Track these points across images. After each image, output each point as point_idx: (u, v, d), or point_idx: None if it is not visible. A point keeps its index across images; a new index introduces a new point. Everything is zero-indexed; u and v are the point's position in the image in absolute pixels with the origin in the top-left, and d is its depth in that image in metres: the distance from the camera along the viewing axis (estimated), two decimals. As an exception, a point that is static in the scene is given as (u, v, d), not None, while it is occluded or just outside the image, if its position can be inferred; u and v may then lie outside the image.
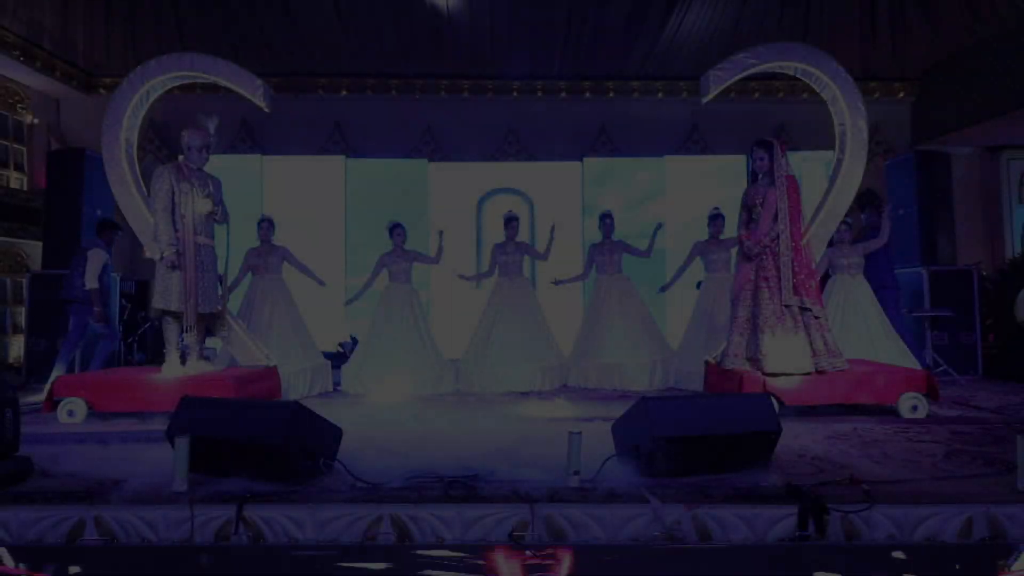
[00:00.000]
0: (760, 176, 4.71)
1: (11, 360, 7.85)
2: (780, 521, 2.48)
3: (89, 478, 2.94)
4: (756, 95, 9.18)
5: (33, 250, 7.91)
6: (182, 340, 4.76)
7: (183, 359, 4.80)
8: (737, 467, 2.92)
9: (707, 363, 5.21)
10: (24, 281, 7.28)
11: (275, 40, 8.63)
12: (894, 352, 5.67)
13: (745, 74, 5.31)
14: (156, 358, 7.57)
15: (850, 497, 2.57)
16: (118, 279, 7.05)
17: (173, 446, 2.79)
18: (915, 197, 7.21)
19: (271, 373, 5.16)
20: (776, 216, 4.53)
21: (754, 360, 4.58)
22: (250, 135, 8.96)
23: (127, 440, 3.81)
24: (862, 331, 5.75)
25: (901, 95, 9.27)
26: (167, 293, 4.64)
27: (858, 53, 8.85)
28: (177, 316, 4.71)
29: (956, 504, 2.52)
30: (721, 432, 2.91)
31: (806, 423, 4.24)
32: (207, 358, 4.98)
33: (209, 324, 4.98)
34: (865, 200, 6.85)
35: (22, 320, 7.58)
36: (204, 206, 4.68)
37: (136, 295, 7.79)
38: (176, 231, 4.63)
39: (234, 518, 2.47)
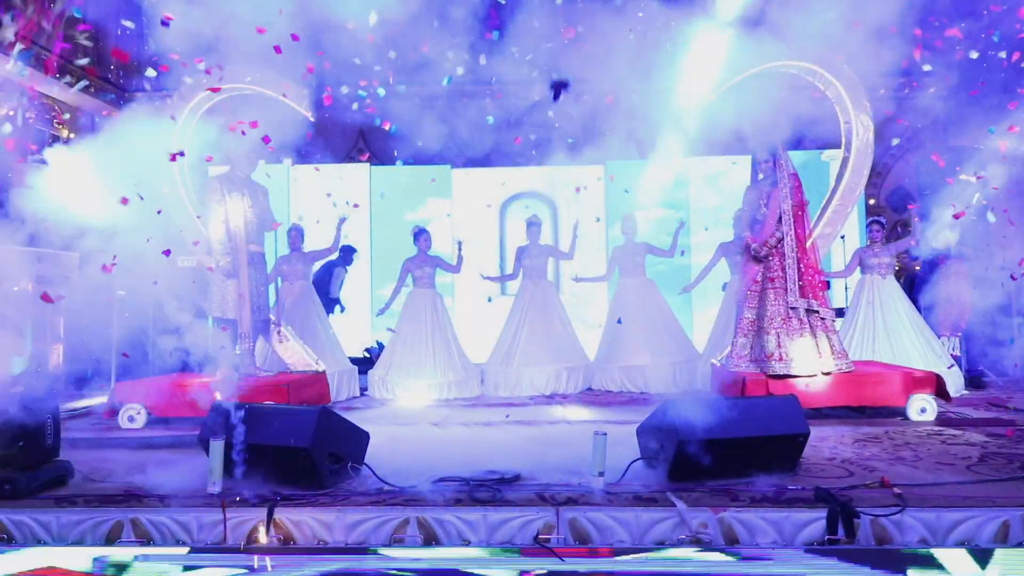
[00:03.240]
0: (762, 176, 4.63)
1: (50, 368, 8.07)
2: (809, 525, 2.45)
3: (127, 482, 3.03)
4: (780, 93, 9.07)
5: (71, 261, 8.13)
6: (236, 346, 4.84)
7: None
8: (764, 470, 2.89)
9: (713, 365, 5.16)
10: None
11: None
12: (927, 353, 5.52)
13: (749, 73, 5.28)
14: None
15: (881, 501, 2.53)
16: None
17: (207, 451, 2.86)
18: (948, 194, 7.03)
19: (320, 378, 5.25)
20: (780, 218, 4.46)
21: (758, 362, 4.50)
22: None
23: (162, 445, 3.90)
24: (893, 331, 5.63)
25: (932, 90, 9.07)
26: (224, 302, 4.74)
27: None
28: (232, 323, 4.80)
29: (992, 508, 2.46)
30: (747, 435, 2.89)
31: (836, 426, 4.17)
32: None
33: (261, 330, 5.08)
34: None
35: (61, 329, 7.79)
36: (253, 214, 4.78)
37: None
38: (229, 240, 4.72)
39: (265, 520, 2.52)
